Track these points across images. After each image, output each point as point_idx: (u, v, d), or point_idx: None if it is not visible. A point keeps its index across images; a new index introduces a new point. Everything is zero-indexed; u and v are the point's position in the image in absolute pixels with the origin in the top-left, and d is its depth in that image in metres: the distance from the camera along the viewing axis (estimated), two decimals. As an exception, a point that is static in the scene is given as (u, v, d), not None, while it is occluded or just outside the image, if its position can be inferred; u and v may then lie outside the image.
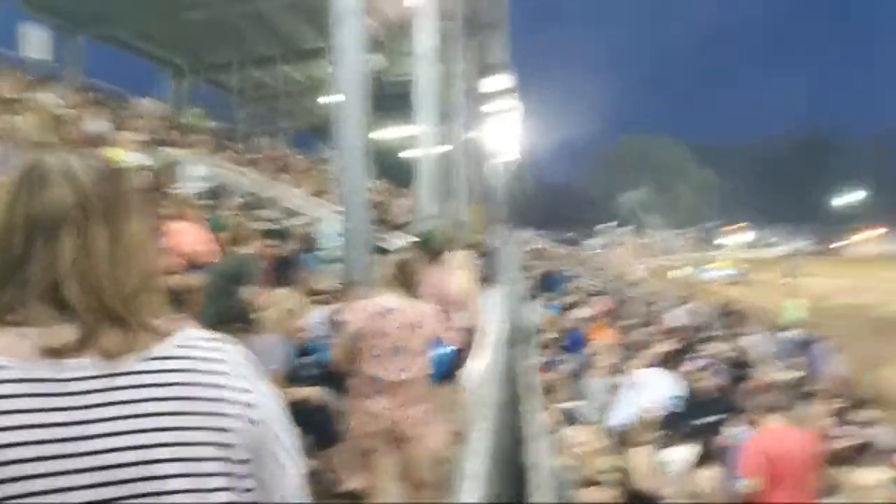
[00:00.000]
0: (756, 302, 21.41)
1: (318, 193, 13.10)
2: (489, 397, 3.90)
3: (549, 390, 6.52)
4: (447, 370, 4.12)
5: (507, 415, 4.22)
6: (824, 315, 24.57)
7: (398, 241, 9.18)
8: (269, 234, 6.60)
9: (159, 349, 0.89)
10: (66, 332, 0.85)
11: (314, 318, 4.98)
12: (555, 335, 9.92)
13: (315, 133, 23.05)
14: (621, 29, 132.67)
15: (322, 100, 19.17)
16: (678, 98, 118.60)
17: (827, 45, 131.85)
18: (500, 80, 18.85)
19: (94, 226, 0.90)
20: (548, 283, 16.29)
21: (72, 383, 0.84)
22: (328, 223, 8.53)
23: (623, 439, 5.88)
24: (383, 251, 6.58)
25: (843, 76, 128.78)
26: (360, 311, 3.61)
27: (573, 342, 9.82)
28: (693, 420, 6.12)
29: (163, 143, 11.33)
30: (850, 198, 75.09)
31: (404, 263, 3.82)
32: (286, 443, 0.96)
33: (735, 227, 76.04)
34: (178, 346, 0.90)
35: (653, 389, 6.38)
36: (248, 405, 0.91)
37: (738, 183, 79.48)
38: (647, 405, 6.11)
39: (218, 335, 0.95)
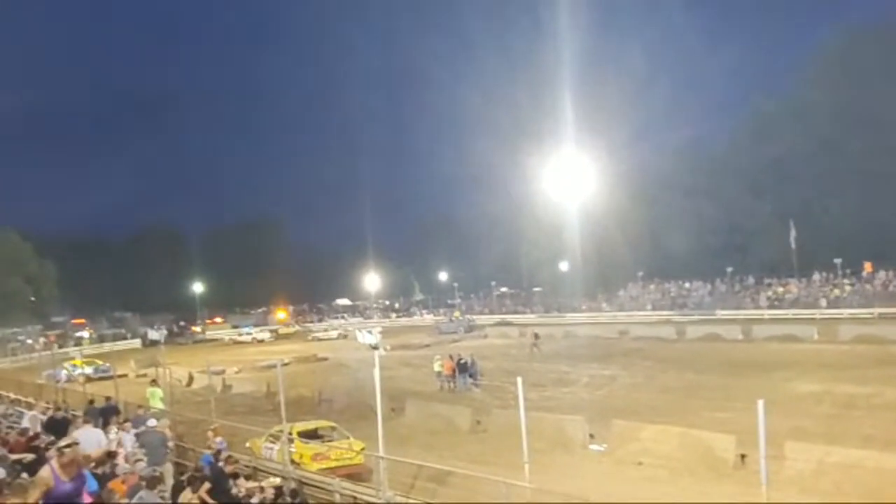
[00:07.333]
0: (124, 395, 20.76)
1: None
2: None
3: None
4: None
5: None
6: (189, 399, 25.57)
7: None
8: None
9: None
10: None
11: None
12: None
13: None
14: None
15: None
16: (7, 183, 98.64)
17: (156, 136, 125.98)
18: None
19: None
20: None
21: None
22: None
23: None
24: None
25: (173, 168, 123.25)
26: None
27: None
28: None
29: None
30: (198, 288, 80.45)
31: None
32: None
33: (80, 321, 72.89)
34: None
35: None
36: None
37: (82, 276, 74.10)
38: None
39: None
